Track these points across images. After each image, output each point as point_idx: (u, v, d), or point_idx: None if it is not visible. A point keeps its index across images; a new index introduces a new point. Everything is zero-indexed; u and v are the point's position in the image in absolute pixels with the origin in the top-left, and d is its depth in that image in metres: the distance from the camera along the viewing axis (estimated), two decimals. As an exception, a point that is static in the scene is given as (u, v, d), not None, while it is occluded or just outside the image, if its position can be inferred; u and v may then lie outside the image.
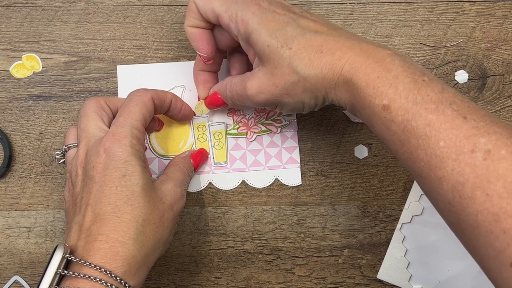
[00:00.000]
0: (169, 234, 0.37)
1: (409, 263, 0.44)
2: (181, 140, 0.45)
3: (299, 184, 0.45)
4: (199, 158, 0.44)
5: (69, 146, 0.40)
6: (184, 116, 0.44)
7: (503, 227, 0.24)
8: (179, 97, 0.43)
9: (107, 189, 0.34)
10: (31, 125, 0.45)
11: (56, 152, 0.41)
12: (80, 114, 0.39)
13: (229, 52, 0.42)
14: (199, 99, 0.44)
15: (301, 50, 0.33)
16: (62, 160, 0.41)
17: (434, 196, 0.29)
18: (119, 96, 0.45)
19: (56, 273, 0.32)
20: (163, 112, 0.42)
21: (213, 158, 0.45)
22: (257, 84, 0.36)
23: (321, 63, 0.32)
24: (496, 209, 0.25)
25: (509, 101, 0.45)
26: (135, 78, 0.45)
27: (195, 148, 0.45)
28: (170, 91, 0.45)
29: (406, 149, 0.29)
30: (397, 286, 0.44)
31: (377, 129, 0.31)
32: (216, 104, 0.42)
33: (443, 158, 0.27)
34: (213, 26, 0.39)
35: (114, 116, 0.40)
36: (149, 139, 0.45)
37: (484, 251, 0.26)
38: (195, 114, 0.45)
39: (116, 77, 0.45)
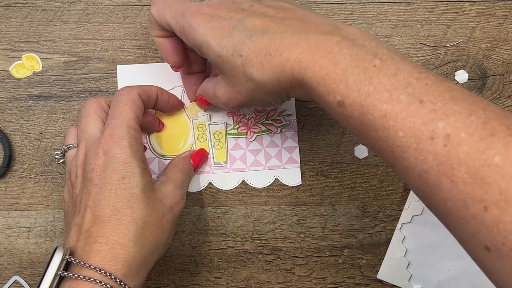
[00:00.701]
0: (169, 236, 0.37)
1: (409, 263, 0.44)
2: (181, 140, 0.45)
3: (299, 184, 0.45)
4: (198, 158, 0.44)
5: (68, 146, 0.40)
6: (173, 107, 0.44)
7: (471, 212, 0.24)
8: (164, 89, 0.43)
9: (106, 191, 0.34)
10: (31, 125, 0.45)
11: (56, 152, 0.41)
12: (81, 114, 0.39)
13: None
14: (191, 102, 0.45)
15: (251, 55, 0.32)
16: (61, 160, 0.41)
17: (405, 181, 0.28)
18: (119, 96, 0.45)
19: (56, 274, 0.32)
20: (152, 107, 0.42)
21: (213, 158, 0.45)
22: (224, 93, 0.36)
23: (272, 66, 0.31)
24: (463, 195, 0.24)
25: (509, 101, 0.45)
26: (135, 78, 0.45)
27: (195, 148, 0.45)
28: (170, 91, 0.45)
29: (368, 141, 0.29)
30: (397, 286, 0.44)
31: (341, 123, 0.31)
32: (206, 105, 0.43)
33: (404, 148, 0.26)
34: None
35: None
36: (149, 139, 0.45)
37: (459, 235, 0.26)
38: (184, 105, 0.45)
39: (116, 77, 0.45)
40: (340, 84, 0.28)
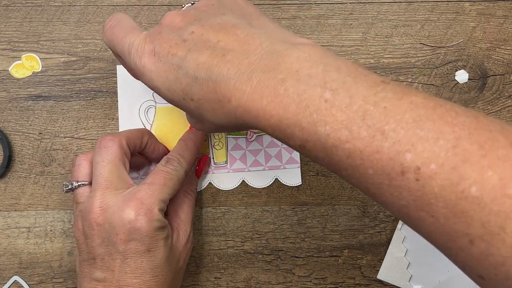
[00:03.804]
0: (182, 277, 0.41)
1: (409, 263, 0.44)
2: (181, 140, 0.45)
3: (299, 184, 0.45)
4: (202, 167, 0.44)
5: (79, 183, 0.39)
6: (158, 157, 0.43)
7: (458, 245, 0.23)
8: (154, 137, 0.43)
9: (132, 261, 0.35)
10: (30, 125, 0.45)
11: (64, 183, 0.39)
12: (102, 156, 0.38)
13: None
14: None
15: (202, 100, 0.29)
16: (69, 192, 0.40)
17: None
18: (119, 96, 0.45)
19: None
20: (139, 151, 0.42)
21: (213, 158, 0.45)
22: (194, 124, 0.34)
23: (225, 113, 0.29)
24: (446, 229, 0.23)
25: (510, 101, 0.45)
26: (134, 78, 0.45)
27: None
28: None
29: (342, 177, 0.27)
30: (397, 287, 0.44)
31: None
32: None
33: (377, 185, 0.25)
34: None
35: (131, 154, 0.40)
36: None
37: (452, 262, 0.25)
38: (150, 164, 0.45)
39: (116, 77, 0.45)
40: (294, 129, 0.26)
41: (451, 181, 0.22)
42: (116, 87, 0.45)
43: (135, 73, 0.33)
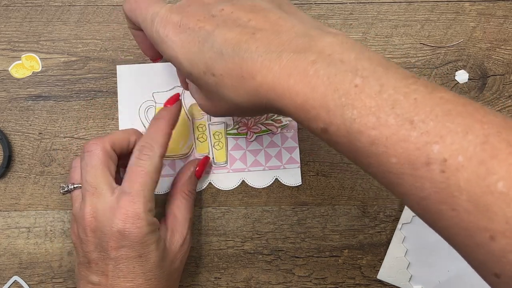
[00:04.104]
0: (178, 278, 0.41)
1: (409, 263, 0.44)
2: (181, 140, 0.45)
3: (299, 184, 0.45)
4: (203, 169, 0.44)
5: (75, 186, 0.39)
6: None
7: (477, 241, 0.23)
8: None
9: (124, 266, 0.36)
10: (30, 125, 0.45)
11: (61, 185, 0.40)
12: (85, 161, 0.37)
13: None
14: None
15: (223, 75, 0.29)
16: (66, 194, 0.40)
17: (408, 207, 0.27)
18: (119, 96, 0.45)
19: None
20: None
21: (213, 158, 0.45)
22: (203, 104, 0.34)
23: (246, 91, 0.28)
24: (466, 224, 0.23)
25: (510, 101, 0.45)
26: (135, 78, 0.45)
27: (195, 148, 0.45)
28: (170, 91, 0.45)
29: (360, 166, 0.26)
30: (397, 287, 0.44)
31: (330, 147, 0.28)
32: None
33: (399, 175, 0.24)
34: None
35: (118, 158, 0.39)
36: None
37: (467, 260, 0.25)
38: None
39: (116, 77, 0.45)
40: (320, 110, 0.26)
41: (477, 174, 0.22)
42: (116, 87, 0.45)
43: (156, 42, 0.32)
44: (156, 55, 0.39)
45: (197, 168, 0.43)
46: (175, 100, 0.40)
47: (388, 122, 0.24)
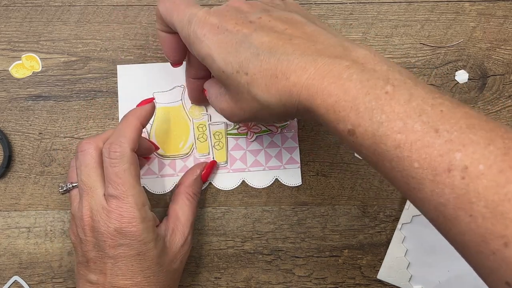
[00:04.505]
0: (179, 278, 0.41)
1: (409, 263, 0.44)
2: (181, 140, 0.45)
3: (299, 184, 0.45)
4: (210, 172, 0.44)
5: (74, 185, 0.39)
6: (143, 153, 0.42)
7: (491, 248, 0.23)
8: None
9: (122, 264, 0.36)
10: (30, 125, 0.45)
11: (60, 185, 0.40)
12: (79, 160, 0.37)
13: None
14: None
15: (256, 75, 0.30)
16: (65, 193, 0.40)
17: (423, 214, 0.27)
18: (119, 96, 0.45)
19: None
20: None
21: (213, 158, 0.45)
22: (227, 107, 0.34)
23: (278, 90, 0.30)
24: (482, 230, 0.23)
25: (510, 101, 0.45)
26: (135, 78, 0.45)
27: (195, 148, 0.45)
28: (170, 91, 0.45)
29: (381, 170, 0.28)
30: (397, 287, 0.44)
31: (352, 150, 0.30)
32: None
33: (420, 180, 0.25)
34: None
35: None
36: (149, 138, 0.45)
37: (478, 268, 0.25)
38: (158, 148, 0.44)
39: (116, 77, 0.45)
40: (350, 112, 0.27)
41: (497, 182, 0.23)
42: (116, 87, 0.45)
43: (191, 42, 0.33)
44: (179, 59, 0.39)
45: (204, 171, 0.43)
46: (148, 102, 0.40)
47: (415, 128, 0.25)
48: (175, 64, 0.40)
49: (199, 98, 0.43)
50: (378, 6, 0.46)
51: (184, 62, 0.42)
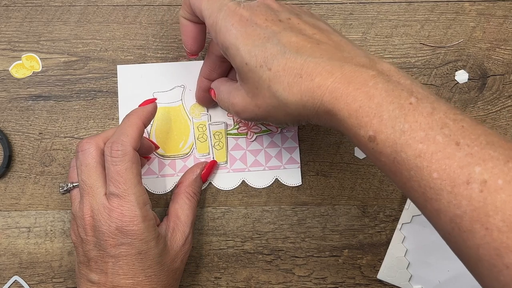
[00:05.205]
0: (180, 276, 0.41)
1: (409, 263, 0.44)
2: (181, 140, 0.45)
3: (299, 184, 0.45)
4: (210, 172, 0.44)
5: (74, 185, 0.39)
6: (143, 152, 0.42)
7: (505, 262, 0.23)
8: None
9: (123, 263, 0.36)
10: (30, 125, 0.45)
11: (60, 185, 0.40)
12: (79, 159, 0.37)
13: None
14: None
15: (280, 72, 0.30)
16: (65, 193, 0.40)
17: (434, 225, 0.28)
18: (119, 96, 0.45)
19: None
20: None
21: (213, 158, 0.45)
22: (241, 102, 0.34)
23: (301, 90, 0.30)
24: (497, 243, 0.24)
25: (509, 101, 0.45)
26: (135, 78, 0.45)
27: (195, 148, 0.45)
28: (170, 91, 0.45)
29: (398, 179, 0.28)
30: (397, 286, 0.44)
31: (368, 157, 0.30)
32: (212, 102, 0.43)
33: (437, 190, 0.26)
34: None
35: None
36: (149, 138, 0.45)
37: (488, 282, 0.25)
38: (158, 147, 0.44)
39: (116, 77, 0.45)
40: (373, 118, 0.28)
41: None
42: (116, 87, 0.45)
43: (218, 30, 0.33)
44: (196, 49, 0.39)
45: (204, 171, 0.43)
46: (151, 102, 0.40)
47: (436, 139, 0.26)
48: (191, 54, 0.40)
49: (205, 99, 0.43)
50: (378, 6, 0.46)
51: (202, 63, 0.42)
